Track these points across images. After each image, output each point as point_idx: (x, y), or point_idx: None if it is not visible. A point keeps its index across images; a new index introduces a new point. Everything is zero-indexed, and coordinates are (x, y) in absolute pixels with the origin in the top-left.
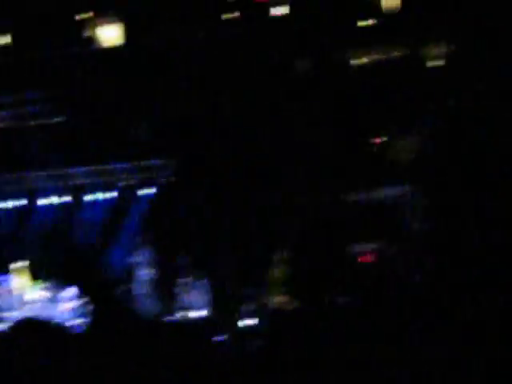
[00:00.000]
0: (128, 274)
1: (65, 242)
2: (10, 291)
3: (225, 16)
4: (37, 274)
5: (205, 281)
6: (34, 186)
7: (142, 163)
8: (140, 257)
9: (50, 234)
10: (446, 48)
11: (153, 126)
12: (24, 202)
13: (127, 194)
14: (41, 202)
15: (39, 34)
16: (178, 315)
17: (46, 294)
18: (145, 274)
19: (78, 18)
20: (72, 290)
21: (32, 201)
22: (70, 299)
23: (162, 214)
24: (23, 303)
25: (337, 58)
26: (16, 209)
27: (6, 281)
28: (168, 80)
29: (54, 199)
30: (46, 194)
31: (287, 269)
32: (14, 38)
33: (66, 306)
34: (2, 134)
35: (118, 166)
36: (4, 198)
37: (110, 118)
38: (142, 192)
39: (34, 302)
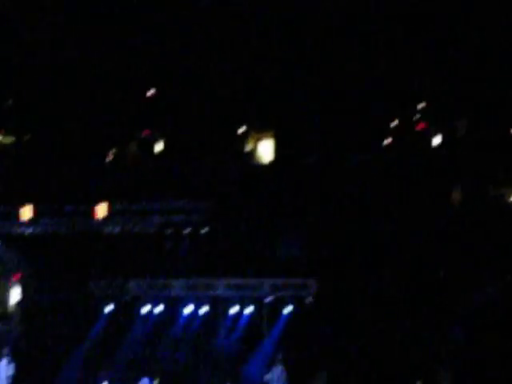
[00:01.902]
0: None
1: (206, 352)
2: None
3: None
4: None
5: None
6: (176, 294)
7: (284, 280)
8: (274, 374)
9: (189, 342)
10: None
11: (302, 243)
12: (165, 308)
13: (267, 309)
14: (182, 310)
15: (192, 142)
16: None
17: None
18: None
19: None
20: None
21: (174, 308)
22: None
23: (300, 333)
24: None
25: (491, 193)
26: (157, 316)
27: None
28: (319, 198)
29: (195, 308)
30: (187, 303)
31: None
32: (167, 145)
33: None
34: (150, 240)
35: (260, 280)
36: (147, 304)
37: (257, 232)
38: (279, 309)
39: None
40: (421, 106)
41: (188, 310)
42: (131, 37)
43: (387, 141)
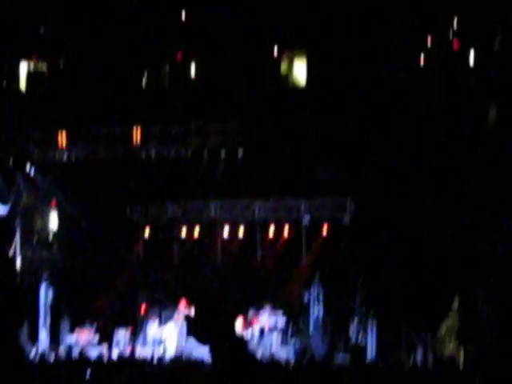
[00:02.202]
0: (300, 310)
1: (244, 275)
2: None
3: None
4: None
5: (374, 324)
6: (213, 217)
7: (321, 201)
8: (313, 293)
9: (227, 265)
10: None
11: (338, 164)
12: (203, 231)
13: (305, 229)
14: (219, 232)
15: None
16: (348, 356)
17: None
18: (317, 310)
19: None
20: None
21: (211, 231)
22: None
23: (337, 252)
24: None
25: None
26: (195, 239)
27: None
28: (355, 117)
29: (232, 231)
30: (224, 226)
31: (463, 316)
32: (201, 68)
33: None
34: (186, 164)
35: (297, 201)
36: (184, 227)
37: (293, 154)
38: (318, 229)
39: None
40: (456, 23)
41: (225, 232)
42: None
43: (422, 61)
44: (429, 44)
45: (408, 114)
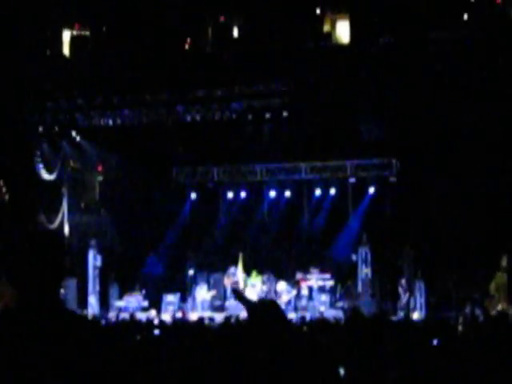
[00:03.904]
0: (348, 271)
1: (291, 236)
2: (235, 282)
3: None
4: (255, 267)
5: (422, 283)
6: (259, 179)
7: (367, 161)
8: (361, 254)
9: (274, 227)
10: None
11: (383, 124)
12: (249, 193)
13: (350, 190)
14: (266, 194)
15: (269, 25)
16: (399, 316)
17: (263, 287)
18: (365, 271)
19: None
20: (284, 284)
21: (257, 193)
22: (287, 292)
23: (384, 212)
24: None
25: None
26: (241, 201)
27: (233, 273)
28: (399, 78)
29: (279, 192)
30: (271, 188)
31: None
32: (244, 30)
33: (282, 299)
34: (232, 127)
35: (343, 162)
36: (231, 190)
37: (338, 114)
38: (363, 189)
39: (252, 293)
40: None
41: (271, 194)
42: None
43: (465, 16)
44: (473, 2)
45: (453, 72)
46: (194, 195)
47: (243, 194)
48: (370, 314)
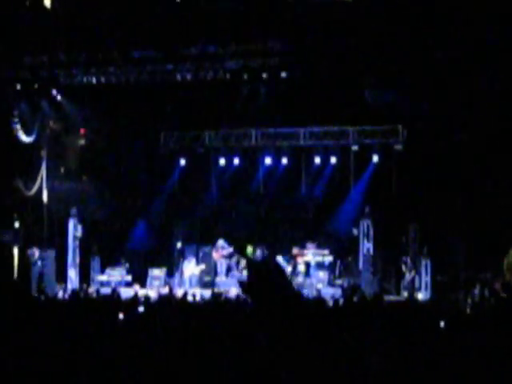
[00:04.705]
0: (349, 246)
1: (287, 207)
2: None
3: None
4: (248, 241)
5: (428, 261)
6: (254, 145)
7: (371, 127)
8: (362, 228)
9: (270, 197)
10: None
11: (390, 87)
12: (243, 160)
13: (353, 158)
14: (261, 162)
15: None
16: (403, 296)
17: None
18: (367, 247)
19: None
20: (279, 259)
21: (252, 160)
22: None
23: (388, 183)
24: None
25: None
26: (234, 169)
27: (222, 246)
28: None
29: (275, 160)
30: (266, 154)
31: None
32: None
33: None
34: (225, 87)
35: (345, 128)
36: (223, 156)
37: (341, 76)
38: (367, 158)
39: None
40: None
41: (267, 161)
42: None
43: None
44: None
45: (467, 32)
46: (183, 162)
47: (236, 161)
48: (371, 293)
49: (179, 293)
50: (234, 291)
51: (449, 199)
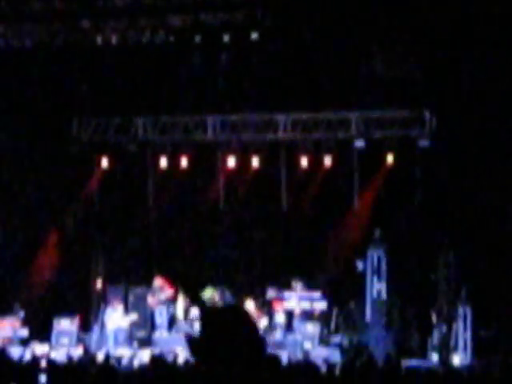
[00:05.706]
0: (352, 286)
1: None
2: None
3: None
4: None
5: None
6: (210, 138)
7: (383, 114)
8: (370, 260)
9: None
10: None
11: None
12: (190, 161)
13: (355, 158)
14: (219, 162)
15: None
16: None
17: None
18: (378, 288)
19: None
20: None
21: (205, 160)
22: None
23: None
24: None
25: None
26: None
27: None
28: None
29: (244, 157)
30: (227, 152)
31: None
32: None
33: None
34: (162, 54)
35: (347, 114)
36: (161, 154)
37: (342, 44)
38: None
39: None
40: None
41: (230, 163)
42: None
43: None
44: None
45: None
46: (105, 162)
47: (184, 162)
48: (383, 355)
49: (99, 355)
50: (180, 353)
51: (497, 215)
